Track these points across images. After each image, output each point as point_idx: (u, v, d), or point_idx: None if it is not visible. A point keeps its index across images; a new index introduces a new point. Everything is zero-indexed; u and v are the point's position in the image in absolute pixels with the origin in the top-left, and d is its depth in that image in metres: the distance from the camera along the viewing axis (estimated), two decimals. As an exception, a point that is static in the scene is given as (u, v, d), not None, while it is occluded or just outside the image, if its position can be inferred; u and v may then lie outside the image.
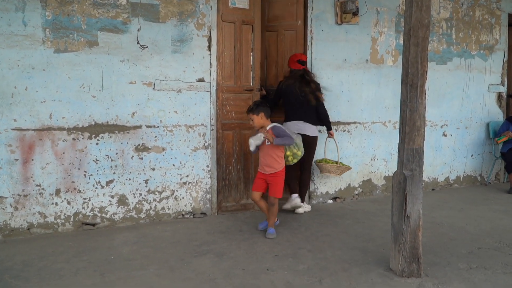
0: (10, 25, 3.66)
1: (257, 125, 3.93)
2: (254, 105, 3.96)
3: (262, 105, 3.96)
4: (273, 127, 3.91)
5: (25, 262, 3.25)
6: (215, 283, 2.92)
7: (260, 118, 3.91)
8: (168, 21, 4.19)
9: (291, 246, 3.66)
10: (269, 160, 3.91)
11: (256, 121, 3.92)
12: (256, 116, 3.90)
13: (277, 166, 3.93)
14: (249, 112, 3.94)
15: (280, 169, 3.95)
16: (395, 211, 3.06)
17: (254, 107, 3.93)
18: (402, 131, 3.02)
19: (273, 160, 3.91)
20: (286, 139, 3.89)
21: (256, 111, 3.91)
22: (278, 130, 3.91)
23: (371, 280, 2.98)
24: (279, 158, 3.94)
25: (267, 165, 3.92)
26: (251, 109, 3.94)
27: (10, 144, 3.71)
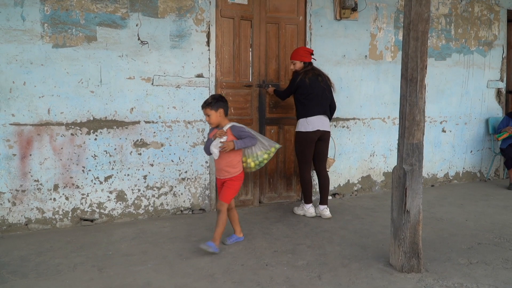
0: (9, 19, 3.64)
1: (213, 122, 3.38)
2: (212, 99, 3.36)
3: (222, 100, 3.41)
4: (232, 127, 3.37)
5: (23, 258, 3.24)
6: (214, 279, 2.90)
7: (218, 115, 3.36)
8: (167, 16, 4.17)
9: (290, 241, 3.65)
10: (224, 164, 3.38)
11: (213, 118, 3.35)
12: (214, 112, 3.34)
13: (233, 170, 3.41)
14: (207, 106, 3.34)
15: (237, 173, 3.42)
16: (395, 206, 3.05)
17: (213, 102, 3.34)
18: (401, 126, 3.01)
19: (229, 165, 3.38)
20: (249, 140, 3.36)
21: (215, 106, 3.34)
22: (238, 130, 3.37)
23: (371, 275, 2.97)
24: (236, 162, 3.42)
25: (223, 169, 3.40)
26: (209, 103, 3.34)
27: (8, 139, 3.69)
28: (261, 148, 3.47)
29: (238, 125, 3.41)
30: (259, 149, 3.47)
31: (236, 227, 3.63)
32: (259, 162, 3.49)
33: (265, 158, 3.48)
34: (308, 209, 4.37)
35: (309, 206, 4.37)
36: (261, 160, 3.48)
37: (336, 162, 5.10)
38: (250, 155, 3.47)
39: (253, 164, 3.48)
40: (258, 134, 3.49)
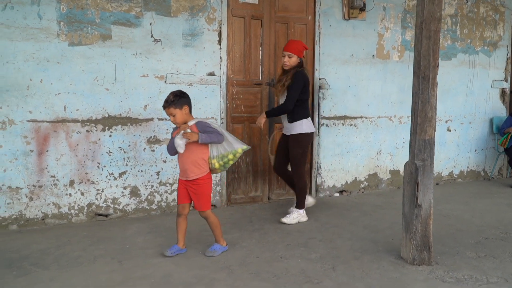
0: (26, 18, 3.71)
1: (179, 121, 3.11)
2: (174, 97, 3.08)
3: (184, 96, 3.14)
4: (197, 123, 3.16)
5: (42, 251, 3.31)
6: (231, 270, 2.98)
7: (184, 113, 3.11)
8: (180, 15, 4.25)
9: (302, 236, 3.73)
10: (189, 164, 3.14)
11: (179, 117, 3.09)
12: (179, 110, 3.08)
13: (199, 170, 3.17)
14: (170, 106, 3.06)
15: (203, 174, 3.18)
16: (406, 200, 3.13)
17: (176, 99, 3.07)
18: (413, 122, 3.09)
19: (194, 164, 3.14)
20: (215, 136, 3.11)
21: (179, 104, 3.08)
22: (204, 126, 3.15)
23: (383, 267, 3.05)
24: (201, 161, 3.17)
25: (188, 169, 3.16)
26: (172, 101, 3.06)
27: (25, 136, 3.77)
28: (227, 149, 3.21)
29: (205, 121, 3.21)
30: (224, 150, 3.21)
31: (181, 237, 3.31)
32: (224, 163, 3.23)
33: (230, 159, 3.23)
34: (303, 214, 4.16)
35: (304, 211, 4.17)
36: (226, 161, 3.22)
37: (344, 159, 5.19)
38: (216, 156, 3.20)
39: (218, 165, 3.22)
40: (228, 133, 3.25)
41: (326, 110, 5.04)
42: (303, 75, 3.96)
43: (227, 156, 3.22)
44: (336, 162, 5.15)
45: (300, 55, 3.95)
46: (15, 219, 3.81)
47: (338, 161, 5.16)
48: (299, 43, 3.98)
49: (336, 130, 5.12)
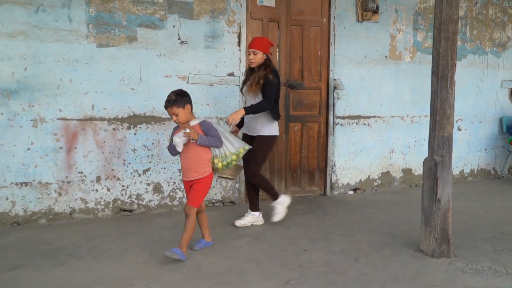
0: (57, 20, 3.86)
1: (182, 121, 3.07)
2: (176, 96, 3.04)
3: (186, 95, 3.10)
4: (201, 122, 3.15)
5: (74, 243, 3.45)
6: (258, 261, 3.12)
7: (186, 112, 3.08)
8: (202, 18, 4.40)
9: (322, 231, 3.86)
10: (192, 163, 3.12)
11: (182, 117, 3.05)
12: (182, 110, 3.04)
13: (203, 170, 3.15)
14: (172, 105, 3.02)
15: (206, 174, 3.17)
16: (426, 195, 3.26)
17: (178, 98, 3.02)
18: (432, 120, 3.22)
19: (197, 164, 3.13)
20: (214, 140, 3.12)
21: (181, 103, 3.03)
22: (208, 127, 3.14)
23: (404, 259, 3.17)
24: (205, 161, 3.17)
25: (190, 169, 3.14)
26: (174, 101, 3.01)
27: (55, 133, 3.92)
28: (230, 149, 3.24)
29: (209, 122, 3.18)
30: (227, 150, 3.23)
31: (205, 231, 3.38)
32: (227, 163, 3.26)
33: (233, 159, 3.27)
34: (259, 217, 4.03)
35: (260, 214, 4.04)
36: (229, 161, 3.25)
37: (357, 158, 5.32)
38: (218, 155, 3.23)
39: (221, 165, 3.25)
40: (229, 134, 3.31)
41: (340, 110, 5.17)
42: (277, 73, 3.85)
43: (231, 157, 3.26)
44: (350, 160, 5.28)
45: (265, 51, 3.80)
46: (45, 214, 3.95)
47: (352, 159, 5.29)
48: (264, 39, 3.87)
49: (350, 129, 5.25)
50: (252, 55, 3.79)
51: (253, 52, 3.78)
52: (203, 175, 3.14)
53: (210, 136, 3.12)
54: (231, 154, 3.25)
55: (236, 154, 3.28)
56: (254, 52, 3.78)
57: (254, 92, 3.76)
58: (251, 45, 3.81)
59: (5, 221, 3.82)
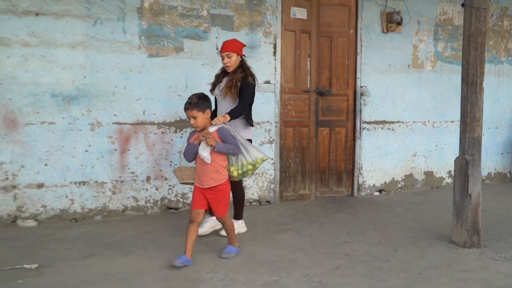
0: (113, 32, 4.22)
1: (201, 126, 3.05)
2: (198, 99, 3.03)
3: (208, 100, 3.10)
4: (219, 129, 3.11)
5: (133, 236, 3.77)
6: (306, 251, 3.43)
7: (205, 117, 3.05)
8: (241, 30, 4.75)
9: (356, 226, 4.16)
10: (209, 170, 3.08)
11: (200, 121, 3.03)
12: (201, 114, 3.02)
13: (219, 177, 3.12)
14: (193, 108, 2.99)
15: (223, 181, 3.14)
16: (457, 191, 3.57)
17: (200, 102, 3.01)
18: (463, 122, 3.54)
19: (214, 171, 3.09)
20: (232, 147, 3.08)
21: (202, 107, 3.02)
22: (226, 134, 3.09)
23: (438, 250, 3.48)
24: (221, 168, 3.13)
25: (206, 176, 3.10)
26: (195, 104, 2.99)
27: (110, 136, 4.26)
28: (247, 158, 3.16)
29: (227, 129, 3.13)
30: (244, 159, 3.16)
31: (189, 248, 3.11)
32: (243, 172, 3.19)
33: (249, 169, 3.19)
34: (242, 225, 3.93)
35: (242, 221, 3.94)
36: (245, 170, 3.19)
37: (382, 160, 5.63)
38: (235, 163, 3.18)
39: (236, 173, 3.19)
40: (247, 143, 3.23)
41: (367, 115, 5.50)
42: (254, 76, 3.74)
43: (247, 166, 3.17)
44: (376, 163, 5.59)
45: (239, 53, 3.68)
46: (100, 211, 4.28)
47: (378, 162, 5.61)
48: (234, 40, 3.76)
49: (376, 134, 5.57)
50: (226, 59, 3.64)
51: (227, 55, 3.63)
52: (219, 182, 3.12)
53: (227, 143, 3.08)
54: (247, 164, 3.17)
55: (252, 164, 3.19)
56: (228, 55, 3.63)
57: (232, 95, 3.60)
58: (223, 49, 3.65)
59: (64, 217, 4.15)
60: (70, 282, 2.81)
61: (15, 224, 3.99)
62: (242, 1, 4.74)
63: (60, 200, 4.13)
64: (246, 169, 3.19)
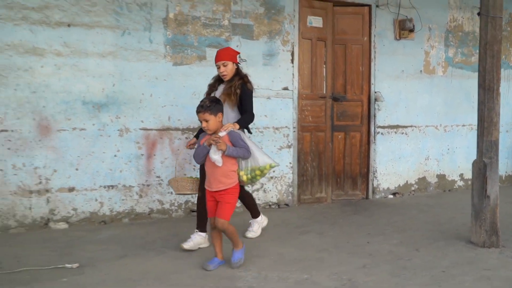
0: (140, 42, 4.39)
1: (212, 129, 3.05)
2: (211, 102, 3.05)
3: (220, 104, 3.12)
4: (230, 133, 3.09)
5: (162, 238, 3.91)
6: (330, 251, 3.57)
7: (217, 120, 3.06)
8: (260, 38, 4.92)
9: (375, 228, 4.30)
10: (218, 174, 3.06)
11: (212, 124, 3.03)
12: (214, 117, 3.02)
13: (229, 181, 3.09)
14: (205, 111, 3.00)
15: (232, 185, 3.10)
16: (475, 193, 3.71)
17: (212, 105, 3.03)
18: (480, 127, 3.69)
19: (224, 175, 3.06)
20: (242, 151, 3.06)
21: (215, 110, 3.03)
22: (236, 138, 3.08)
23: (458, 250, 3.62)
24: (231, 172, 3.10)
25: (216, 179, 3.08)
26: (208, 107, 3.01)
27: (138, 142, 4.42)
28: (257, 163, 3.13)
29: (237, 133, 3.13)
30: (254, 163, 3.13)
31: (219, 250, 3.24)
32: (252, 177, 3.16)
33: (257, 174, 3.15)
34: (264, 217, 4.08)
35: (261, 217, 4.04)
36: (253, 175, 3.15)
37: (396, 164, 5.78)
38: (244, 168, 3.15)
39: (245, 178, 3.16)
40: (258, 148, 3.22)
41: (381, 120, 5.65)
42: (251, 82, 3.71)
43: (255, 171, 3.14)
44: (390, 166, 5.74)
45: (234, 60, 3.63)
46: (127, 213, 4.43)
47: (392, 165, 5.75)
48: (228, 48, 3.75)
49: (390, 138, 5.72)
50: (222, 68, 3.58)
51: (223, 64, 3.57)
52: (228, 186, 3.08)
53: (238, 147, 3.06)
54: (256, 168, 3.13)
55: (260, 169, 3.14)
56: (224, 64, 3.57)
57: (232, 102, 3.52)
58: (218, 58, 3.60)
59: (94, 220, 4.31)
60: (112, 280, 2.96)
61: (47, 227, 4.14)
62: (261, 11, 4.92)
63: (90, 203, 4.29)
64: (254, 174, 3.15)
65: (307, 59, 5.27)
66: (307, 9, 5.21)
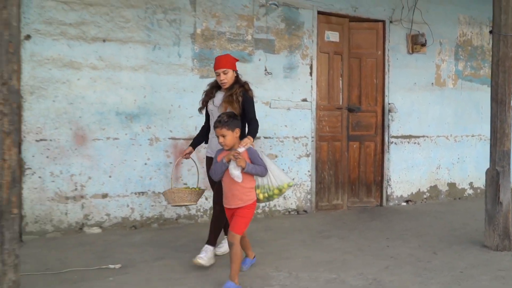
0: (169, 56, 4.66)
1: (229, 145, 3.00)
2: (228, 118, 3.02)
3: (238, 119, 3.10)
4: (249, 149, 3.05)
5: (193, 241, 4.12)
6: (355, 254, 3.79)
7: (234, 136, 3.02)
8: (281, 52, 5.18)
9: (393, 233, 4.52)
10: (236, 191, 3.01)
11: (229, 140, 2.98)
12: (231, 132, 2.98)
13: (247, 198, 3.04)
14: (223, 126, 2.97)
15: (250, 202, 3.05)
16: (489, 199, 3.94)
17: (230, 120, 2.99)
18: (493, 138, 3.93)
19: (242, 192, 3.02)
20: (260, 169, 3.02)
21: (232, 125, 2.99)
22: (254, 155, 3.05)
23: (473, 253, 3.84)
24: (249, 189, 3.04)
25: (234, 196, 3.04)
26: (225, 122, 2.97)
27: (166, 150, 4.66)
28: (272, 182, 3.08)
29: (255, 150, 3.10)
30: (270, 182, 3.07)
31: (248, 251, 3.39)
32: (268, 196, 3.11)
33: (275, 193, 3.11)
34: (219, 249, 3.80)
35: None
36: (270, 194, 3.10)
37: (409, 172, 6.01)
38: (261, 186, 3.09)
39: (262, 196, 3.10)
40: (275, 166, 3.15)
41: (394, 130, 5.90)
42: (251, 90, 3.63)
43: (273, 191, 3.08)
44: (403, 175, 5.97)
45: (234, 68, 3.55)
46: (156, 219, 4.66)
47: (405, 174, 5.98)
48: (228, 56, 3.63)
49: (403, 148, 5.96)
50: (222, 76, 3.48)
51: (223, 72, 3.48)
52: (246, 203, 3.03)
53: (256, 164, 3.03)
54: (273, 188, 3.08)
55: (279, 188, 3.10)
56: (225, 72, 3.48)
57: (235, 111, 3.38)
58: (218, 65, 3.50)
59: (125, 225, 4.54)
60: (156, 278, 3.19)
61: (82, 231, 4.37)
62: (282, 26, 5.19)
63: (122, 209, 4.52)
64: (271, 193, 3.09)
65: (324, 72, 5.53)
66: (325, 24, 5.48)
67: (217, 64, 3.52)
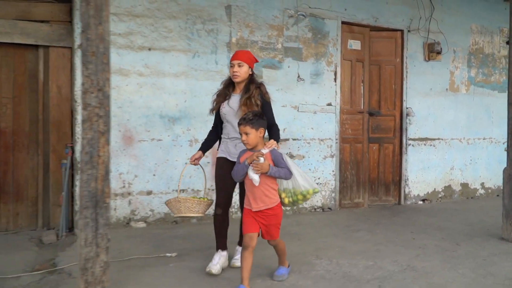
0: (207, 63, 5.03)
1: (251, 144, 2.95)
2: (254, 116, 2.96)
3: (264, 119, 3.03)
4: (272, 151, 2.98)
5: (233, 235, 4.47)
6: (385, 245, 4.15)
7: (258, 135, 2.96)
8: (308, 60, 5.56)
9: (416, 228, 4.87)
10: (259, 193, 2.95)
11: (252, 138, 2.93)
12: (254, 131, 2.93)
13: (270, 200, 2.98)
14: (247, 124, 2.92)
15: (274, 204, 2.99)
16: (506, 195, 4.30)
17: (255, 119, 2.94)
18: (510, 139, 4.30)
19: (264, 194, 2.96)
20: (284, 171, 2.95)
21: (257, 124, 2.94)
22: (278, 157, 2.97)
23: (493, 244, 4.19)
24: (272, 191, 2.98)
25: (256, 199, 2.97)
26: (250, 120, 2.92)
27: (205, 151, 5.02)
28: (300, 186, 3.01)
29: (279, 152, 3.03)
30: (296, 185, 3.01)
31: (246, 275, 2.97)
32: (293, 200, 3.05)
33: (299, 198, 3.04)
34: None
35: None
36: (295, 199, 3.04)
37: (425, 173, 6.38)
38: (286, 189, 3.03)
39: (287, 200, 3.05)
40: (299, 170, 3.07)
41: (412, 133, 6.26)
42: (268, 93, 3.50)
43: (297, 195, 3.03)
44: (419, 175, 6.33)
45: (251, 65, 3.40)
46: (195, 215, 5.01)
47: (421, 174, 6.34)
48: (249, 52, 3.53)
49: (420, 149, 6.32)
50: (236, 67, 3.32)
51: (238, 64, 3.32)
52: (269, 206, 2.98)
53: (279, 166, 2.96)
54: (298, 193, 3.02)
55: (303, 194, 3.03)
56: (239, 64, 3.32)
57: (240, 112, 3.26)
58: (235, 56, 3.36)
59: (168, 220, 4.89)
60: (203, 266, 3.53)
61: (128, 225, 4.73)
62: (310, 36, 5.56)
63: (164, 205, 4.86)
64: (296, 198, 3.04)
65: (347, 78, 5.90)
66: (348, 33, 5.86)
67: (235, 56, 3.39)
